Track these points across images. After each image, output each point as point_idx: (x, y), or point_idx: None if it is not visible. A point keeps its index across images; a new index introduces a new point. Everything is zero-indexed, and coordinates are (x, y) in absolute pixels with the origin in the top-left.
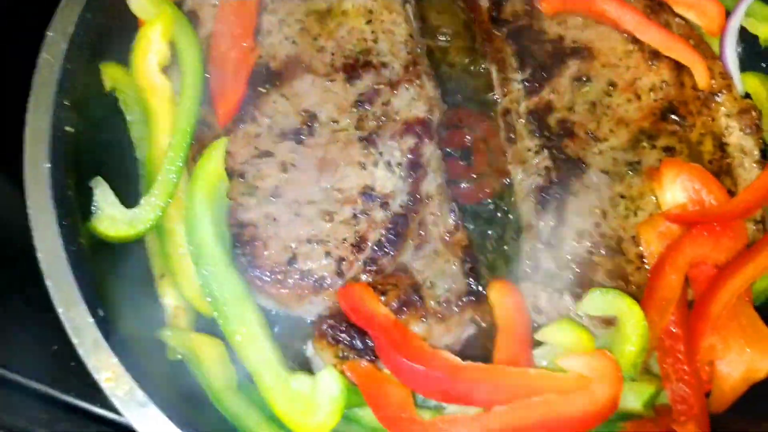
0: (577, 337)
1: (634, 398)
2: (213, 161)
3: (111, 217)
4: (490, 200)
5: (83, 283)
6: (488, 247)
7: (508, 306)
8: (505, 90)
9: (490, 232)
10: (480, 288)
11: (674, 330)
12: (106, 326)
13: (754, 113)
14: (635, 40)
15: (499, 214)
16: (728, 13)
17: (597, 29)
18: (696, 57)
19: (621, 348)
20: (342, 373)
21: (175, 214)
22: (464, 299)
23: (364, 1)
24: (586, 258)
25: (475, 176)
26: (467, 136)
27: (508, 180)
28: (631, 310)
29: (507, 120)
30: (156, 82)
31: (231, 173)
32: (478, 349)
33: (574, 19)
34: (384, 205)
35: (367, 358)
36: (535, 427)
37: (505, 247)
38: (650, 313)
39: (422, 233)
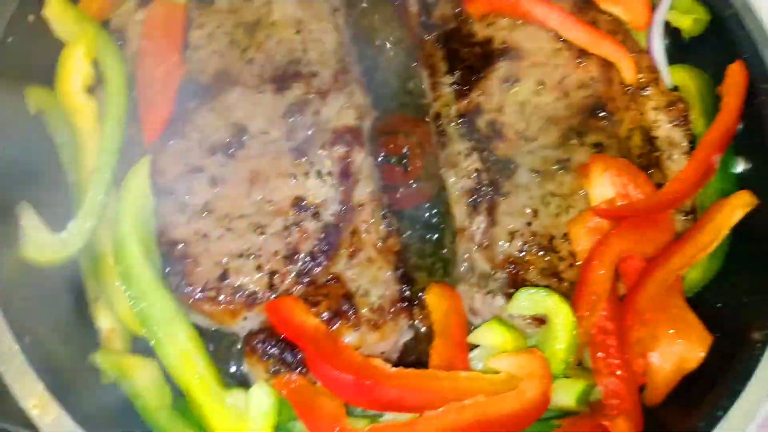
0: (508, 338)
1: (566, 395)
2: (138, 181)
3: (39, 243)
4: (427, 204)
5: (9, 311)
6: (427, 251)
7: (445, 309)
8: (436, 94)
9: (428, 236)
10: (414, 293)
11: (605, 324)
12: (35, 353)
13: (681, 105)
14: (562, 39)
15: (436, 218)
16: (654, 7)
17: (525, 29)
18: (622, 52)
19: (551, 346)
20: (273, 387)
21: (106, 235)
22: (397, 305)
23: (293, 11)
24: (518, 257)
25: (412, 181)
26: (403, 142)
27: (443, 184)
28: (558, 307)
29: (438, 124)
30: (81, 103)
31: (161, 190)
32: (419, 353)
33: (503, 21)
34: (315, 215)
35: (298, 370)
36: (466, 429)
37: (444, 251)
38: (581, 308)
39: (355, 241)
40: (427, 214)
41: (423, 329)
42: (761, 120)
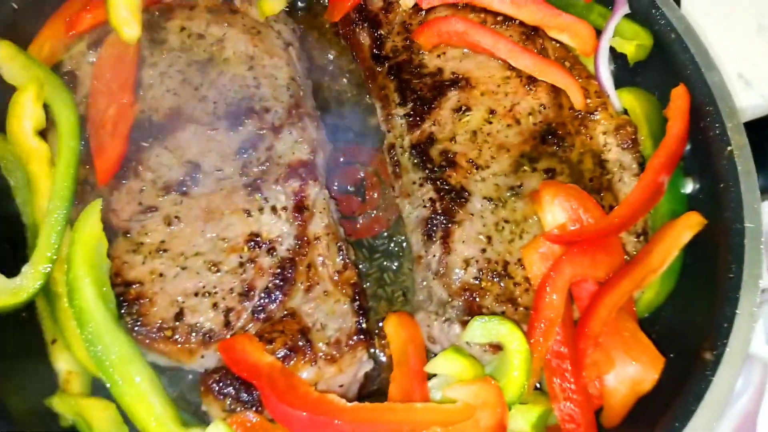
0: (465, 366)
1: (523, 421)
2: (89, 223)
3: None
4: (386, 233)
5: None
6: (387, 280)
7: (403, 339)
8: (389, 125)
9: (387, 264)
10: (373, 323)
11: (560, 349)
12: None
13: (629, 128)
14: (512, 67)
15: (395, 247)
16: (599, 33)
17: (475, 59)
18: (570, 79)
19: (507, 373)
20: (230, 426)
21: (62, 277)
22: (354, 338)
23: (246, 47)
24: (474, 284)
25: (369, 211)
26: (360, 173)
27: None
28: (512, 334)
29: (392, 155)
30: (32, 147)
31: (116, 231)
32: (381, 382)
33: (453, 51)
34: (271, 250)
35: (255, 409)
36: None
37: (403, 279)
38: (535, 334)
39: (311, 275)
40: (386, 243)
41: (384, 358)
42: (707, 141)
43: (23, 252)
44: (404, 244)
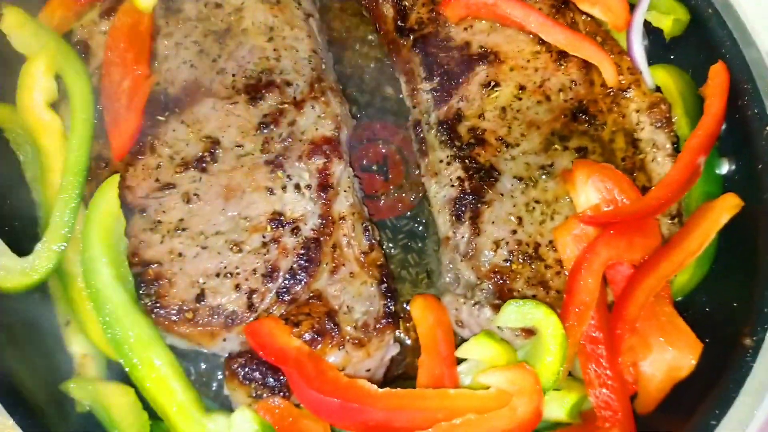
0: (497, 351)
1: (558, 408)
2: (105, 200)
3: (3, 268)
4: (409, 213)
5: None
6: (411, 262)
7: (431, 322)
8: (415, 101)
9: (411, 245)
10: (400, 306)
11: (595, 334)
12: (3, 385)
13: (663, 107)
14: (542, 41)
15: (419, 228)
16: (633, 8)
17: (504, 32)
18: (602, 54)
19: (541, 359)
20: (256, 412)
21: (76, 256)
22: (382, 321)
23: (265, 17)
24: (504, 267)
25: (392, 189)
26: (383, 150)
27: (425, 191)
28: (547, 319)
29: (418, 132)
30: (44, 120)
31: (132, 209)
32: (406, 366)
33: (480, 24)
34: (295, 230)
35: (282, 394)
36: None
37: (427, 260)
38: (569, 318)
39: (337, 256)
40: (409, 223)
41: (409, 342)
42: (745, 120)
43: (34, 230)
44: (428, 225)
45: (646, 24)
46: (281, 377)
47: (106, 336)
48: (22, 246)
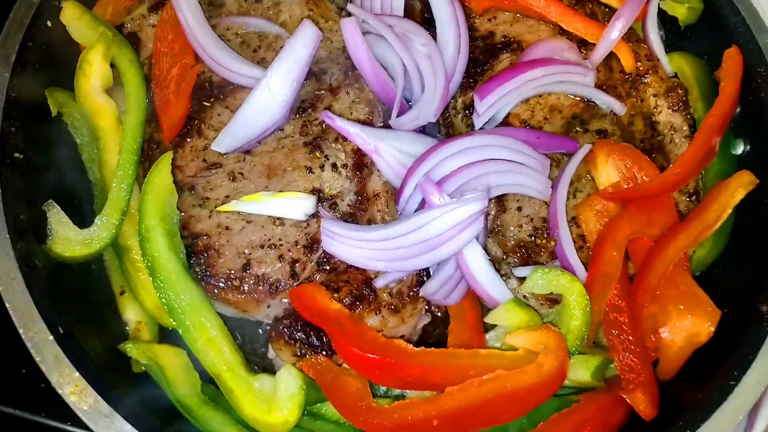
0: (524, 317)
1: (583, 370)
2: (160, 176)
3: (66, 239)
4: None
5: (42, 304)
6: None
7: None
8: None
9: None
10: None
11: (618, 303)
12: (69, 343)
13: (680, 91)
14: (563, 31)
15: None
16: None
17: (526, 23)
18: (620, 42)
19: (567, 323)
20: (300, 370)
21: (130, 230)
22: (416, 290)
23: (301, 11)
24: (529, 242)
25: None
26: None
27: None
28: (572, 285)
29: (445, 116)
30: (101, 104)
31: (181, 186)
32: (437, 336)
33: (503, 15)
34: (333, 205)
35: (324, 353)
36: (487, 403)
37: None
38: (594, 288)
39: None
40: None
41: (439, 314)
42: (758, 102)
43: (89, 207)
44: None
45: (662, 13)
46: (324, 337)
47: (160, 301)
48: (79, 222)
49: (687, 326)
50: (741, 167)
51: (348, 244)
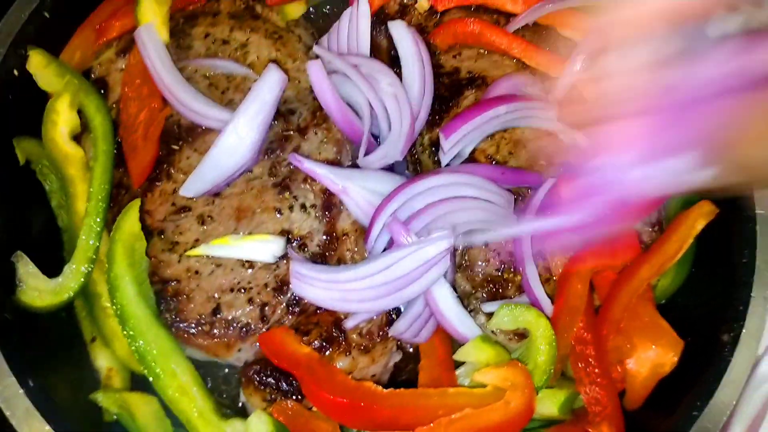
0: (492, 353)
1: (550, 404)
2: (128, 223)
3: (35, 289)
4: None
5: (11, 356)
6: None
7: None
8: None
9: None
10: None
11: (584, 335)
12: (39, 395)
13: None
14: (526, 65)
15: None
16: None
17: (490, 58)
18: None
19: (534, 358)
20: (271, 415)
21: (100, 277)
22: (385, 329)
23: (268, 52)
24: (497, 276)
25: None
26: None
27: None
28: (538, 321)
29: (413, 153)
30: (69, 151)
31: (150, 231)
32: (409, 373)
33: (468, 51)
34: (302, 246)
35: (294, 398)
36: None
37: None
38: (560, 321)
39: None
40: None
41: (411, 349)
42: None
43: (58, 254)
44: None
45: None
46: (294, 381)
47: (130, 349)
48: (48, 270)
49: (651, 357)
50: (702, 196)
51: (317, 285)
